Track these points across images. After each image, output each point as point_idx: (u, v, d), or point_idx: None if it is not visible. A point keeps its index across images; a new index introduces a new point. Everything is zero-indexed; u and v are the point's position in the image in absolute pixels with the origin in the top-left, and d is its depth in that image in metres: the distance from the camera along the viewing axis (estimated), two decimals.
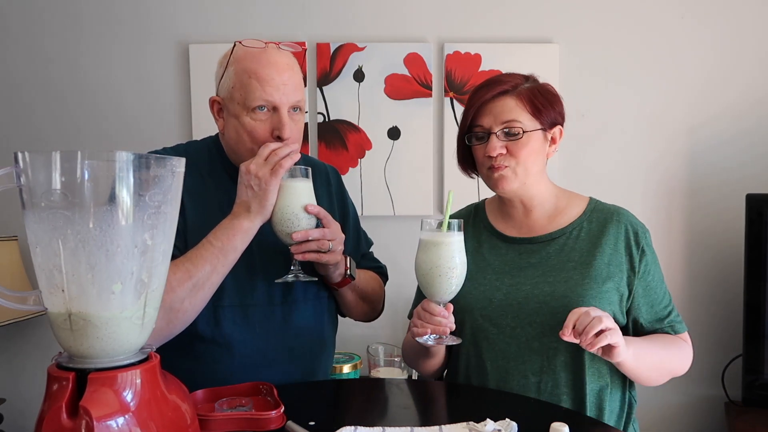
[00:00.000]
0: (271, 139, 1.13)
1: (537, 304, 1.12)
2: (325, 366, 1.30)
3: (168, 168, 0.68)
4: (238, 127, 1.15)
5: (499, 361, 1.15)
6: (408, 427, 0.89)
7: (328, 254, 1.12)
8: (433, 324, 1.05)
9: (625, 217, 1.18)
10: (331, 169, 1.40)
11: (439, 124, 2.12)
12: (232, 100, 1.15)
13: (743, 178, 2.04)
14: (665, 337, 1.16)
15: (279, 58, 1.14)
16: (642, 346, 1.09)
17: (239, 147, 1.17)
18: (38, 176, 0.62)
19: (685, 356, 1.17)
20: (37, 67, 2.13)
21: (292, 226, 1.09)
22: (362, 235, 1.42)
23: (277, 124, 1.12)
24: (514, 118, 1.12)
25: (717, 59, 2.07)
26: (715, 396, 2.00)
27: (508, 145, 1.13)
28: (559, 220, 1.20)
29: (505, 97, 1.14)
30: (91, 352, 0.66)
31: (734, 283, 1.99)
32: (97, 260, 0.63)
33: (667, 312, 1.17)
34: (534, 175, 1.16)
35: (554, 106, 1.16)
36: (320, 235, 1.10)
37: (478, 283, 1.18)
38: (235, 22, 2.10)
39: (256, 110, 1.12)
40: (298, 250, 1.10)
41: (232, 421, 0.82)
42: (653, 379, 1.14)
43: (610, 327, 0.96)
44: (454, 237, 1.03)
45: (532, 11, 2.09)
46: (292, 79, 1.14)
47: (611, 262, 1.13)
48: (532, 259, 1.17)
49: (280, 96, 1.12)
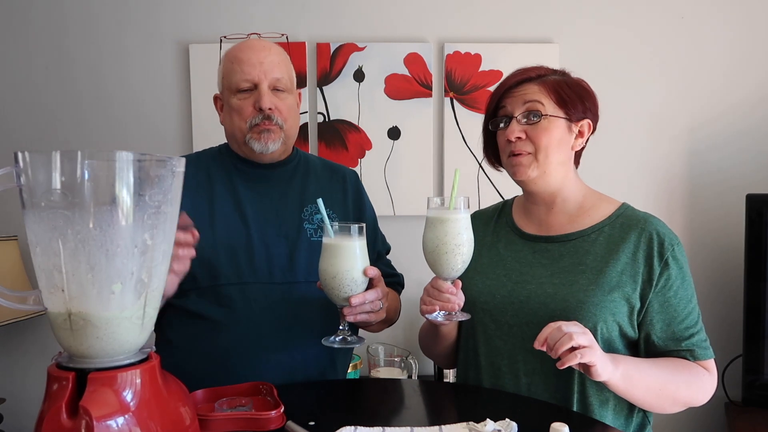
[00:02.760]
0: (255, 113, 1.22)
1: (537, 304, 1.09)
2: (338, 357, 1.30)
3: (168, 168, 0.68)
4: (229, 111, 1.26)
5: (493, 357, 1.14)
6: (408, 427, 0.89)
7: (377, 314, 1.10)
8: (442, 301, 1.03)
9: (652, 225, 1.10)
10: (349, 172, 1.41)
11: (439, 124, 2.12)
12: (224, 90, 1.28)
13: (743, 178, 2.04)
14: (677, 361, 1.07)
15: (257, 42, 1.27)
16: (639, 367, 1.02)
17: (233, 130, 1.26)
18: (38, 176, 0.62)
19: (700, 385, 1.06)
20: (36, 66, 2.13)
21: (350, 290, 1.03)
22: (379, 238, 1.42)
23: (257, 98, 1.22)
24: (536, 99, 1.10)
25: (717, 59, 2.07)
26: (715, 396, 1.98)
27: (528, 130, 1.10)
28: (581, 221, 1.15)
29: (529, 83, 1.12)
30: (91, 352, 0.66)
31: (734, 283, 1.99)
32: (97, 260, 0.63)
33: (688, 334, 1.07)
34: (555, 166, 1.11)
35: (583, 99, 1.12)
36: (376, 297, 1.07)
37: (486, 277, 1.17)
38: (235, 22, 2.10)
39: (240, 91, 1.23)
40: (351, 313, 1.05)
41: (232, 421, 0.82)
42: (654, 404, 1.05)
43: (583, 345, 0.90)
44: (460, 214, 1.02)
45: (532, 11, 2.09)
46: (269, 58, 1.24)
47: (625, 271, 1.07)
48: (544, 259, 1.14)
49: (257, 73, 1.22)
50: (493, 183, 2.09)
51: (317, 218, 1.28)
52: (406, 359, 1.94)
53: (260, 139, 1.23)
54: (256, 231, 1.24)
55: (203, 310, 1.19)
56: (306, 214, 1.28)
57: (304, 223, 1.27)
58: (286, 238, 1.25)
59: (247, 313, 1.19)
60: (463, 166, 2.08)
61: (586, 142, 1.16)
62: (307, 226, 1.27)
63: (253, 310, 1.19)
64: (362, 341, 1.09)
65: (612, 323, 1.06)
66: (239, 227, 1.24)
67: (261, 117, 1.22)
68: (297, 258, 1.23)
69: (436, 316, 1.04)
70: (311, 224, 1.28)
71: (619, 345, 1.08)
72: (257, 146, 1.23)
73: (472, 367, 1.18)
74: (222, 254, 1.21)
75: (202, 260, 1.19)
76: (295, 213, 1.28)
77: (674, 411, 1.08)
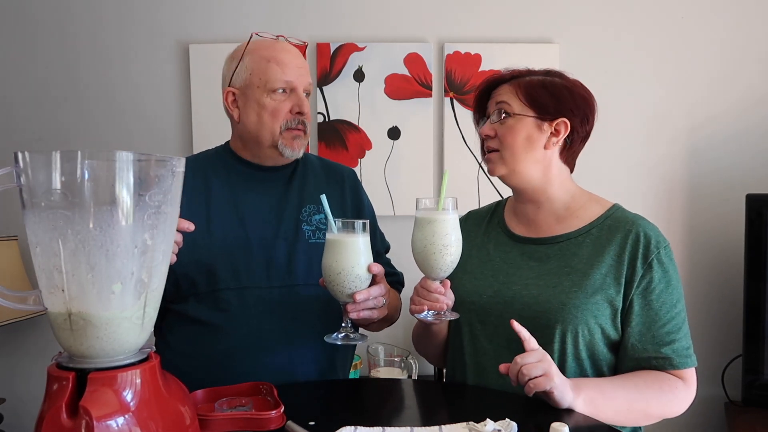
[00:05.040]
0: (291, 116, 1.23)
1: (521, 305, 1.10)
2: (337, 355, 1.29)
3: (168, 168, 0.68)
4: (259, 110, 1.23)
5: (478, 356, 1.15)
6: (408, 427, 0.89)
7: (380, 309, 1.11)
8: (431, 300, 1.05)
9: (639, 226, 1.09)
10: (347, 171, 1.42)
11: (439, 124, 2.12)
12: (250, 86, 1.23)
13: (743, 178, 2.04)
14: (647, 375, 1.05)
15: (292, 47, 1.28)
16: (603, 390, 1.01)
17: (261, 129, 1.23)
18: (38, 176, 0.62)
19: (671, 398, 1.04)
20: (35, 67, 2.13)
21: (354, 286, 1.03)
22: (378, 236, 1.42)
23: (297, 102, 1.23)
24: (504, 100, 1.13)
25: (717, 59, 2.07)
26: (715, 396, 2.00)
27: (497, 128, 1.14)
28: (569, 222, 1.16)
29: (504, 84, 1.17)
30: (91, 352, 0.66)
31: (734, 283, 1.99)
32: (97, 260, 0.63)
33: (669, 339, 1.05)
34: (527, 164, 1.12)
35: (560, 99, 1.12)
36: (380, 293, 1.07)
37: (474, 277, 1.18)
38: (235, 22, 2.10)
39: (276, 92, 1.22)
40: (355, 309, 1.05)
41: (232, 421, 0.82)
42: (627, 422, 1.04)
43: (536, 375, 0.92)
44: (448, 215, 1.03)
45: (532, 11, 2.09)
46: (305, 64, 1.27)
47: (609, 273, 1.07)
48: (532, 261, 1.15)
49: (297, 77, 1.23)
50: (493, 183, 2.09)
51: (315, 219, 1.28)
52: (406, 359, 1.94)
53: (293, 147, 1.24)
54: (254, 233, 1.23)
55: (203, 316, 1.19)
56: (304, 215, 1.28)
57: (302, 225, 1.27)
58: (285, 240, 1.24)
59: (246, 317, 1.19)
60: (462, 166, 2.09)
61: (581, 143, 1.17)
62: (306, 227, 1.27)
63: (252, 315, 1.19)
64: (365, 339, 1.09)
65: (594, 325, 1.06)
66: (237, 230, 1.23)
67: (297, 121, 1.23)
68: (295, 260, 1.23)
69: (425, 316, 1.05)
70: (309, 225, 1.27)
71: (602, 347, 1.08)
72: (288, 152, 1.24)
73: (458, 366, 1.20)
74: (220, 258, 1.20)
75: (201, 264, 1.19)
76: (294, 214, 1.27)
77: (650, 423, 1.07)
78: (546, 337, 1.06)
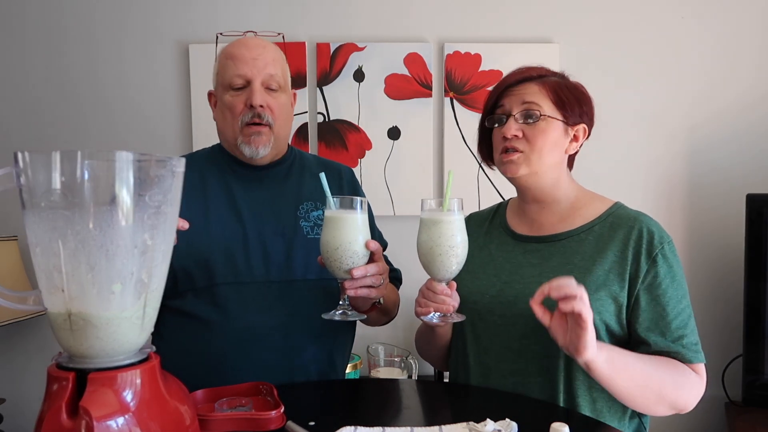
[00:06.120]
0: (246, 110, 1.21)
1: (524, 304, 1.07)
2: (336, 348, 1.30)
3: (168, 168, 0.68)
4: (221, 107, 1.25)
5: (481, 357, 1.14)
6: (408, 427, 0.89)
7: (378, 289, 1.10)
8: (437, 302, 1.04)
9: (642, 222, 1.09)
10: (344, 169, 1.42)
11: (439, 124, 2.12)
12: (217, 87, 1.28)
13: (743, 178, 2.04)
14: (666, 359, 1.04)
15: (252, 40, 1.26)
16: (624, 356, 1.00)
17: (225, 126, 1.26)
18: (38, 176, 0.62)
19: (688, 386, 1.03)
20: (36, 67, 2.13)
21: (351, 262, 1.03)
22: (377, 234, 1.42)
23: (248, 95, 1.21)
24: (535, 101, 1.10)
25: (717, 59, 2.07)
26: (715, 396, 2.00)
27: (525, 129, 1.10)
28: (571, 221, 1.15)
29: (529, 83, 1.12)
30: (91, 352, 0.66)
31: (734, 283, 1.99)
32: (97, 260, 0.63)
33: (678, 335, 1.04)
34: (548, 167, 1.12)
35: (581, 103, 1.12)
36: (377, 271, 1.07)
37: (476, 277, 1.18)
38: (235, 22, 2.10)
39: (233, 88, 1.22)
40: (353, 286, 1.05)
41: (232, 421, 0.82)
42: (639, 399, 1.01)
43: (573, 293, 0.90)
44: (454, 216, 1.02)
45: (532, 11, 2.09)
46: (263, 55, 1.23)
47: (613, 269, 1.07)
48: (534, 259, 1.14)
49: (250, 69, 1.21)
50: (493, 183, 2.09)
51: (314, 216, 1.28)
52: (406, 359, 1.94)
53: (250, 143, 1.22)
54: (252, 229, 1.23)
55: (200, 311, 1.19)
56: (302, 212, 1.28)
57: (300, 221, 1.27)
58: (283, 236, 1.24)
59: (243, 312, 1.19)
60: (462, 166, 2.09)
61: (579, 146, 1.17)
62: (304, 224, 1.27)
63: (250, 310, 1.19)
64: (363, 316, 1.10)
65: (598, 322, 1.05)
66: (235, 226, 1.23)
67: (251, 114, 1.21)
68: (294, 256, 1.23)
69: (431, 318, 1.04)
70: (307, 222, 1.27)
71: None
72: (248, 151, 1.23)
73: (461, 366, 1.19)
74: (218, 253, 1.20)
75: (199, 260, 1.19)
76: (291, 211, 1.28)
77: (660, 412, 1.04)
78: (550, 335, 1.05)
